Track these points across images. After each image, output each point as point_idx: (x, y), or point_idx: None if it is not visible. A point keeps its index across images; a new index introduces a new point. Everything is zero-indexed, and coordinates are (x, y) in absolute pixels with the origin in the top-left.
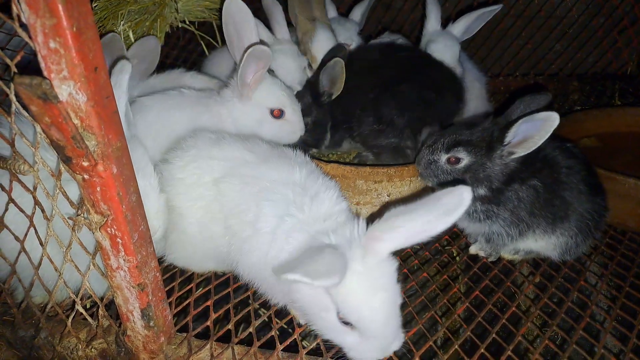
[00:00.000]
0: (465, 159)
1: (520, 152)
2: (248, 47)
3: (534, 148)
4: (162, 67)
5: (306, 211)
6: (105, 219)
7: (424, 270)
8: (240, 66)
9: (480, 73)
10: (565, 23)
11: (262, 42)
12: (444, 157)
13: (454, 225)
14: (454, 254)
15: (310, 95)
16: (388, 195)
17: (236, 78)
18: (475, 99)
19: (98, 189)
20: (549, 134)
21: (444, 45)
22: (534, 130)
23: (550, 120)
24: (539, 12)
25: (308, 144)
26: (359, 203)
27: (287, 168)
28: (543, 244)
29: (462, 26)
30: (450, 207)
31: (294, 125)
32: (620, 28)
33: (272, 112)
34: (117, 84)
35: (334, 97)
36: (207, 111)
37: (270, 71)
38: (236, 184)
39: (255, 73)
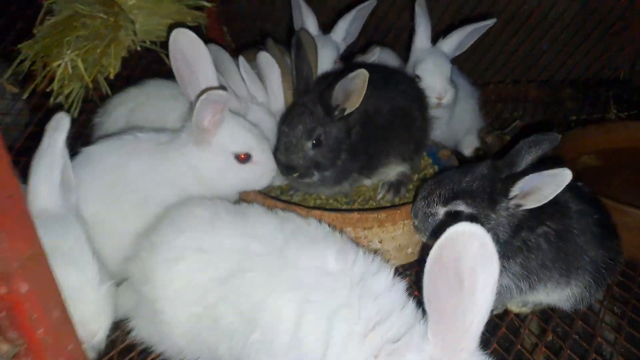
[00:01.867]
0: (465, 212)
1: (529, 205)
2: (203, 91)
3: (544, 202)
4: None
5: (363, 315)
6: (17, 348)
7: None
8: (195, 112)
9: (473, 88)
10: (557, 28)
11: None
12: (442, 211)
13: None
14: None
15: (320, 107)
16: (380, 242)
17: (191, 122)
18: (469, 117)
19: (4, 313)
20: (561, 189)
21: (433, 65)
22: (544, 184)
23: (562, 176)
24: (529, 18)
25: (313, 167)
26: None
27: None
28: (555, 297)
29: (454, 42)
30: None
31: (263, 167)
32: (612, 32)
33: (237, 156)
34: (50, 146)
35: (346, 113)
36: (166, 159)
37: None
38: (257, 278)
39: (213, 116)
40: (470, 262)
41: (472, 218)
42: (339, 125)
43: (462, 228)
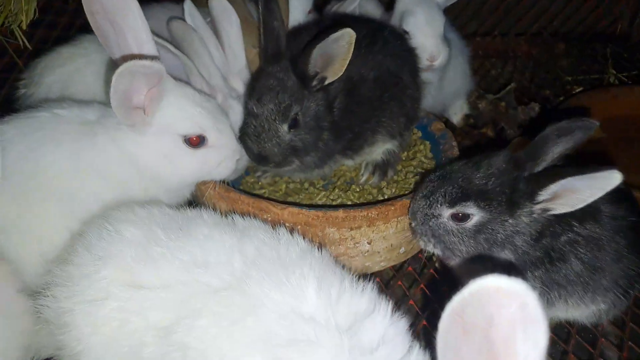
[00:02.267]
0: (476, 215)
1: (559, 210)
2: (127, 58)
3: (580, 206)
4: None
5: None
6: None
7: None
8: (111, 90)
9: (463, 44)
10: None
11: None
12: (446, 213)
13: None
14: None
15: (294, 76)
16: (369, 243)
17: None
18: (459, 78)
19: None
20: (603, 193)
21: (425, 19)
22: (584, 187)
23: (609, 180)
24: None
25: (291, 154)
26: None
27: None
28: (576, 314)
29: None
30: None
31: (223, 151)
32: None
33: (186, 140)
34: None
35: (327, 82)
36: (94, 145)
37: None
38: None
39: (149, 90)
40: (508, 329)
41: (482, 224)
42: (318, 98)
43: (496, 283)
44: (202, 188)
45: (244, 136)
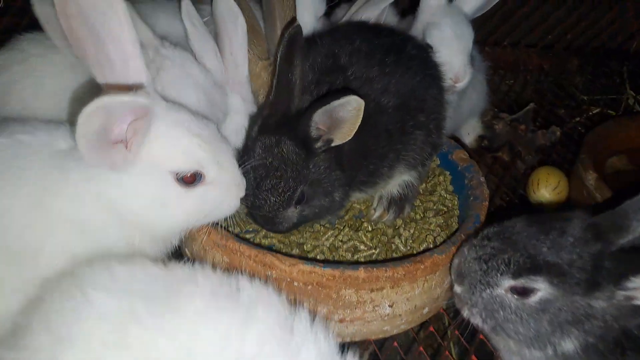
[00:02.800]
0: (541, 291)
1: None
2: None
3: None
4: None
5: None
6: None
7: None
8: (77, 131)
9: (481, 57)
10: None
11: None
12: (507, 284)
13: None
14: None
15: (295, 145)
16: (390, 306)
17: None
18: (476, 96)
19: None
20: None
21: (453, 33)
22: None
23: None
24: None
25: (304, 219)
26: (344, 320)
27: None
28: None
29: None
30: None
31: (225, 189)
32: None
33: (179, 178)
34: None
35: (334, 144)
36: (62, 186)
37: None
38: None
39: (134, 122)
40: None
41: (549, 302)
42: (324, 160)
43: None
44: (194, 233)
45: (249, 204)
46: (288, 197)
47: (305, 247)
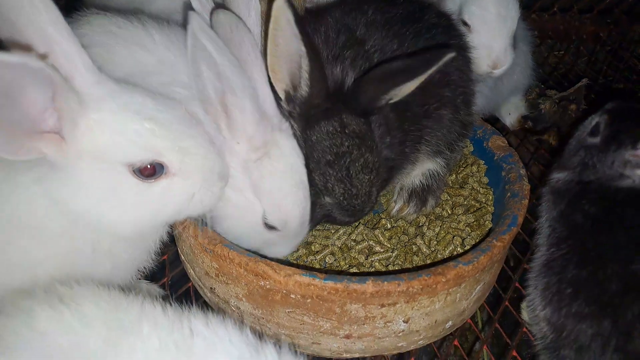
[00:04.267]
0: None
1: None
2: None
3: None
4: None
5: None
6: None
7: None
8: None
9: (525, 25)
10: None
11: None
12: None
13: None
14: None
15: (356, 116)
16: (405, 322)
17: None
18: (519, 72)
19: None
20: None
21: (496, 12)
22: None
23: None
24: None
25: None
26: (350, 336)
27: None
28: None
29: None
30: None
31: (195, 179)
32: None
33: (135, 170)
34: None
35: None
36: (12, 189)
37: None
38: None
39: (56, 103)
40: None
41: None
42: (379, 126)
43: None
44: (181, 232)
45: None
46: (378, 169)
47: (312, 246)
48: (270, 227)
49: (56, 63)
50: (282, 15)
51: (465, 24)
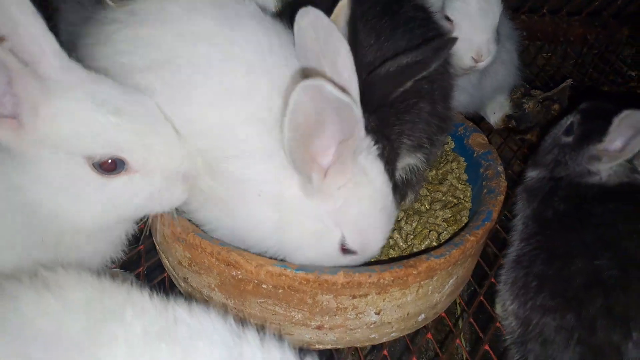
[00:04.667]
0: None
1: None
2: None
3: None
4: None
5: None
6: None
7: None
8: None
9: (511, 24)
10: None
11: None
12: None
13: None
14: None
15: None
16: (377, 313)
17: None
18: (503, 71)
19: None
20: None
21: (478, 7)
22: None
23: None
24: None
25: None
26: (322, 327)
27: None
28: None
29: None
30: None
31: (156, 178)
32: None
33: (96, 164)
34: None
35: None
36: None
37: None
38: None
39: (12, 89)
40: None
41: None
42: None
43: None
44: (154, 221)
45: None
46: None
47: None
48: (347, 252)
49: (19, 46)
50: None
51: (448, 19)
